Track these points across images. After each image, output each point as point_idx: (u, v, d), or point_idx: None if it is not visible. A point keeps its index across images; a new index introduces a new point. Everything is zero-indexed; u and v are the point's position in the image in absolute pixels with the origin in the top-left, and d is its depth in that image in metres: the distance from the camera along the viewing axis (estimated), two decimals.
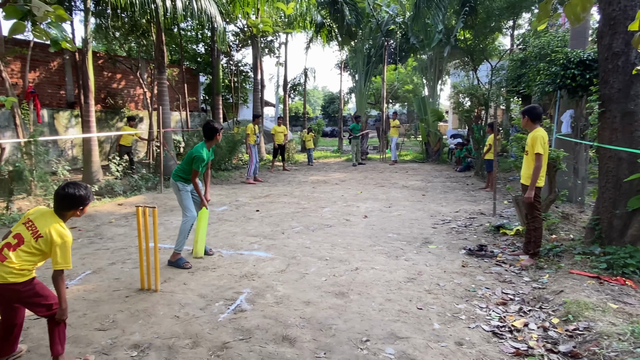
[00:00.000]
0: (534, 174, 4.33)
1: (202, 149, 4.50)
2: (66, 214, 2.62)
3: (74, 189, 2.60)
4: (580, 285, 3.71)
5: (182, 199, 4.61)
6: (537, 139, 4.32)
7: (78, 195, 2.60)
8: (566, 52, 6.40)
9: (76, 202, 2.61)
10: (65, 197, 2.58)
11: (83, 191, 2.64)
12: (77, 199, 2.60)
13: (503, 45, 18.16)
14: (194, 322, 3.24)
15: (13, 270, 2.43)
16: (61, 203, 2.59)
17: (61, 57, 13.13)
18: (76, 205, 2.61)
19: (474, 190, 9.32)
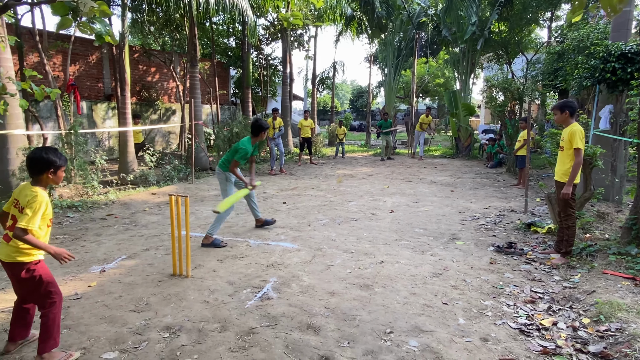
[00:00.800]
0: (573, 170, 4.18)
1: (248, 143, 4.95)
2: (40, 179, 2.58)
3: (40, 152, 2.55)
4: (614, 285, 3.60)
5: (225, 188, 5.02)
6: (576, 133, 4.17)
7: (45, 157, 2.53)
8: (606, 45, 6.14)
9: (44, 165, 2.53)
10: (32, 160, 2.54)
11: (50, 154, 2.56)
12: (44, 161, 2.53)
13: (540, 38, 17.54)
14: (223, 308, 3.35)
15: (19, 249, 2.51)
16: (30, 168, 2.57)
17: (99, 51, 13.63)
18: (45, 168, 2.54)
19: (505, 187, 9.11)
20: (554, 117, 4.50)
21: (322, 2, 12.69)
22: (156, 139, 15.44)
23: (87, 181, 7.22)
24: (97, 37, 2.22)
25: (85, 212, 6.47)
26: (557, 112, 4.39)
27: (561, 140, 4.41)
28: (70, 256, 2.58)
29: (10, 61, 6.60)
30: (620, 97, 6.23)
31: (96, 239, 5.22)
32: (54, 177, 2.61)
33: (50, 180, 2.61)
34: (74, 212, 6.42)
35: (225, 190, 5.05)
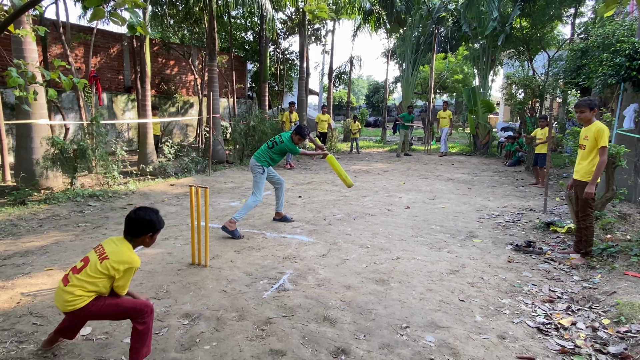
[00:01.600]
0: (598, 168, 4.08)
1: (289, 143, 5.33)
2: (135, 240, 2.47)
3: (144, 213, 2.45)
4: (636, 287, 3.53)
5: (258, 180, 5.23)
6: (604, 131, 4.06)
7: (148, 219, 2.44)
8: (633, 42, 5.97)
9: (145, 227, 2.44)
10: (135, 221, 2.43)
11: (153, 216, 2.47)
12: (147, 223, 2.44)
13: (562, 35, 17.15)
14: (240, 297, 3.40)
15: (70, 297, 2.30)
16: (130, 228, 2.44)
17: (120, 44, 13.84)
18: (146, 231, 2.45)
19: (523, 186, 8.98)
20: (577, 114, 4.39)
21: None
22: (174, 131, 15.64)
23: (108, 171, 7.37)
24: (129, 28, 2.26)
25: (106, 202, 6.61)
26: (586, 109, 4.23)
27: (583, 138, 4.32)
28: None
29: (35, 52, 6.76)
30: None
31: (117, 227, 5.34)
32: (150, 241, 2.51)
33: (146, 243, 2.50)
34: (95, 201, 6.57)
35: (258, 182, 5.22)
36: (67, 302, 2.31)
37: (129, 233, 2.46)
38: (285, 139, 5.33)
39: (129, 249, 2.42)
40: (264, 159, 5.29)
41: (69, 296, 2.30)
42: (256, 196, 5.18)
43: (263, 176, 5.27)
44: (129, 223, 2.45)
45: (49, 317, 3.04)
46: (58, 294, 2.37)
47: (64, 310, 2.35)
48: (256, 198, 5.17)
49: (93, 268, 2.33)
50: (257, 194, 5.19)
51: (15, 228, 5.20)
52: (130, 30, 2.27)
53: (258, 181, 5.24)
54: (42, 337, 2.78)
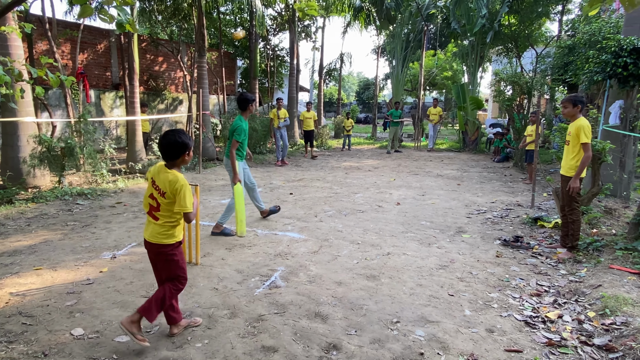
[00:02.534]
0: (582, 164, 4.18)
1: (241, 122, 4.84)
2: (176, 163, 2.65)
3: (175, 137, 2.60)
4: (620, 280, 3.61)
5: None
6: (582, 127, 4.17)
7: (181, 141, 2.60)
8: (619, 40, 6.07)
9: (182, 148, 2.61)
10: (170, 146, 2.59)
11: (184, 137, 2.63)
12: (181, 145, 2.60)
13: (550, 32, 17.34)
14: (232, 295, 3.41)
15: (165, 232, 2.64)
16: (168, 153, 2.61)
17: (107, 40, 13.65)
18: (182, 151, 2.62)
19: (511, 182, 9.09)
20: (562, 110, 4.48)
21: None
22: (163, 128, 15.48)
23: (97, 169, 7.29)
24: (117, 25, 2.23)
25: (95, 200, 6.55)
26: (569, 105, 4.34)
27: (568, 134, 4.40)
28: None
29: (21, 49, 6.65)
30: (631, 92, 6.18)
31: (106, 226, 5.30)
32: (188, 158, 2.70)
33: (185, 161, 2.70)
34: (83, 199, 6.50)
35: None
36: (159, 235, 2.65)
37: (168, 158, 2.64)
38: (235, 121, 4.88)
39: (173, 173, 2.62)
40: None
41: (159, 229, 2.65)
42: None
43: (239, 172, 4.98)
44: (164, 150, 2.62)
45: (38, 316, 3.02)
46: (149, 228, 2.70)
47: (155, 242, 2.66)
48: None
49: (162, 203, 2.62)
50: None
51: (2, 227, 5.13)
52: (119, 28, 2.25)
53: None
54: (32, 336, 2.76)
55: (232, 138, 4.84)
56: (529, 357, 2.65)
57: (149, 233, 2.68)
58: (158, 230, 2.65)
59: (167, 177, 2.60)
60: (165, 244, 2.67)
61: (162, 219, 2.65)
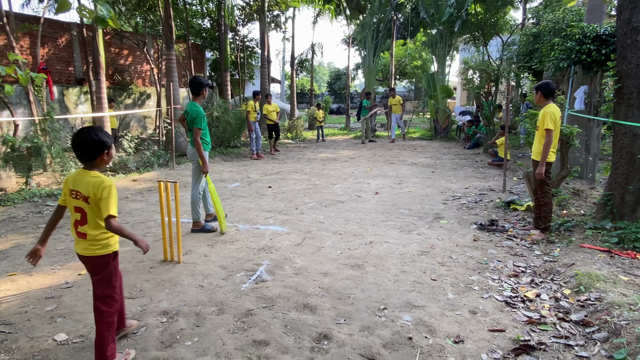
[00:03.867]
0: (544, 150, 4.38)
1: (197, 107, 4.59)
2: (95, 163, 2.37)
3: (90, 134, 2.32)
4: (592, 258, 3.80)
5: (197, 172, 4.81)
6: (546, 114, 4.36)
7: (98, 139, 2.32)
8: (582, 27, 6.30)
9: (98, 147, 2.33)
10: (84, 145, 2.31)
11: (100, 134, 2.34)
12: (97, 143, 2.32)
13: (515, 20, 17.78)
14: (218, 291, 3.38)
15: (97, 243, 2.37)
16: (83, 153, 2.34)
17: (69, 34, 13.07)
18: (100, 150, 2.34)
19: (483, 167, 9.36)
20: (534, 97, 4.66)
21: None
22: (131, 124, 15.04)
23: (65, 168, 7.02)
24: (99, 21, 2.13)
25: None
26: (536, 92, 4.57)
27: (538, 120, 4.58)
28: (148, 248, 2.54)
29: None
30: (594, 78, 6.44)
31: None
32: (108, 158, 2.41)
33: (104, 161, 2.41)
34: (53, 200, 6.26)
35: (198, 173, 4.79)
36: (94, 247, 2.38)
37: (85, 159, 2.36)
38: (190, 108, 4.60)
39: (95, 174, 2.36)
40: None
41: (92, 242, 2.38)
42: (195, 188, 4.80)
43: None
44: (78, 150, 2.33)
45: (17, 323, 2.91)
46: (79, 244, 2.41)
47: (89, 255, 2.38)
48: (196, 189, 4.78)
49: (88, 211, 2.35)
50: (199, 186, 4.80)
51: None
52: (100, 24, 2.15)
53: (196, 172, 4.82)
54: (13, 344, 2.66)
55: (195, 126, 4.56)
56: (512, 335, 2.77)
57: (80, 248, 2.41)
58: (89, 243, 2.37)
59: (90, 180, 2.31)
60: (100, 255, 2.40)
61: (91, 231, 2.36)
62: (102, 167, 2.44)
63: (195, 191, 4.84)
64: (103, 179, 2.34)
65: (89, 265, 2.48)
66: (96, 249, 2.38)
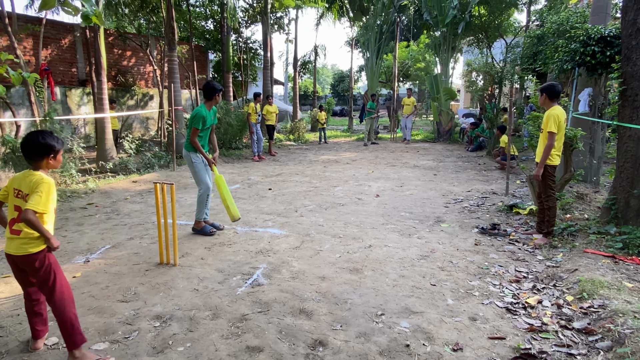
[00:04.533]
0: (544, 152, 4.32)
1: (203, 109, 4.59)
2: (40, 165, 2.43)
3: (37, 137, 2.40)
4: (595, 264, 3.72)
5: (195, 171, 4.76)
6: (550, 117, 4.29)
7: (44, 142, 2.39)
8: (586, 29, 6.21)
9: (44, 150, 2.40)
10: (30, 146, 2.40)
11: (48, 137, 2.41)
12: (43, 146, 2.39)
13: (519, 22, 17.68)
14: (213, 295, 3.33)
15: (31, 240, 2.38)
16: (29, 154, 2.42)
17: (72, 35, 13.11)
18: (45, 153, 2.41)
19: (486, 170, 9.27)
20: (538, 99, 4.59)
21: None
22: (134, 125, 15.06)
23: (65, 169, 7.00)
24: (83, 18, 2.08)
25: (65, 202, 6.29)
26: (540, 94, 4.49)
27: (542, 122, 4.50)
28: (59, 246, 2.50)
29: None
30: (599, 80, 6.35)
31: (78, 228, 5.09)
32: (54, 162, 2.48)
33: (50, 165, 2.47)
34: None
35: (196, 172, 4.72)
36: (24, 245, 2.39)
37: (30, 159, 2.44)
38: (196, 108, 4.59)
39: (37, 173, 2.40)
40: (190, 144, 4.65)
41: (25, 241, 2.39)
42: (201, 187, 4.71)
43: (196, 164, 4.68)
44: (24, 150, 2.43)
45: (8, 327, 2.86)
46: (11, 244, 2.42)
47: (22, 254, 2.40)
48: (201, 189, 4.70)
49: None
50: (201, 184, 4.71)
51: None
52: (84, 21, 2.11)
53: (194, 170, 4.72)
54: (3, 348, 2.61)
55: (192, 125, 4.52)
56: (512, 343, 2.69)
57: (13, 247, 2.40)
58: (22, 241, 2.38)
59: (32, 179, 2.37)
60: (32, 253, 2.40)
61: (25, 228, 2.37)
62: (48, 170, 2.50)
63: (201, 193, 4.76)
64: (43, 177, 2.39)
65: (26, 267, 2.47)
66: (29, 247, 2.39)
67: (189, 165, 4.79)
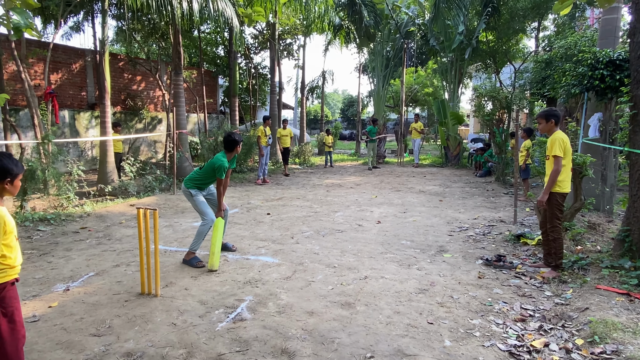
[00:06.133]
0: (551, 177, 4.08)
1: (223, 158, 4.59)
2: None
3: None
4: (608, 302, 3.41)
5: (197, 204, 4.67)
6: (555, 141, 4.09)
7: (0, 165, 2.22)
8: (594, 52, 6.04)
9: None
10: None
11: (5, 160, 2.23)
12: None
13: (527, 48, 17.62)
14: (191, 331, 3.10)
15: None
16: None
17: (83, 60, 13.37)
18: (1, 177, 2.22)
19: (494, 197, 8.97)
20: (538, 126, 4.37)
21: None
22: (141, 148, 15.14)
23: (62, 192, 6.91)
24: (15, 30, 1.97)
25: (58, 225, 6.17)
26: (542, 121, 4.29)
27: (547, 149, 4.28)
28: None
29: None
30: (609, 104, 6.13)
31: (65, 254, 4.93)
32: (11, 187, 2.28)
33: (6, 191, 2.27)
34: (45, 225, 6.11)
35: (197, 205, 4.66)
36: None
37: None
38: (217, 157, 4.60)
39: None
40: (192, 182, 4.69)
41: None
42: (205, 220, 4.62)
43: (196, 198, 4.65)
44: None
45: None
46: None
47: None
48: (206, 221, 4.62)
49: None
50: (205, 217, 4.62)
51: None
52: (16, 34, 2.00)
53: (196, 205, 4.67)
54: None
55: (216, 175, 4.56)
56: None
57: None
58: None
59: None
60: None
61: None
62: (3, 196, 2.27)
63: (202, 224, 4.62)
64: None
65: None
66: None
67: (188, 199, 4.72)
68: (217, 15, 9.58)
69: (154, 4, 8.26)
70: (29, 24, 1.91)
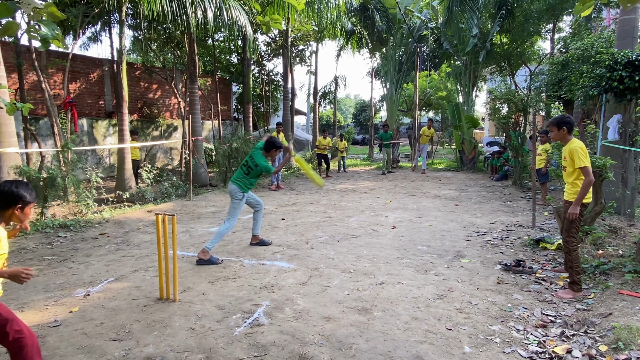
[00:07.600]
0: (583, 189, 3.75)
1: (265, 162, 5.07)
2: (4, 214, 2.31)
3: (10, 185, 2.30)
4: (632, 307, 3.33)
5: (237, 207, 5.05)
6: (576, 150, 3.76)
7: (14, 191, 2.28)
8: (612, 53, 5.94)
9: (12, 199, 2.28)
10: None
11: (21, 188, 2.29)
12: (12, 195, 2.28)
13: (543, 50, 17.42)
14: (209, 336, 3.12)
15: None
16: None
17: (100, 69, 13.67)
18: (12, 203, 2.29)
19: (511, 201, 8.84)
20: (550, 134, 4.18)
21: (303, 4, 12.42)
22: (158, 155, 15.35)
23: (81, 199, 7.05)
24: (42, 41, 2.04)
25: (78, 232, 6.29)
26: (554, 128, 3.96)
27: (563, 159, 4.02)
28: (28, 272, 2.26)
29: (4, 79, 6.51)
30: (628, 106, 6.01)
31: (85, 260, 5.02)
32: (20, 214, 2.33)
33: (15, 217, 2.33)
34: (65, 231, 6.24)
35: (236, 207, 5.03)
36: None
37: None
38: (259, 162, 5.02)
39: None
40: (244, 185, 5.09)
41: None
42: (230, 222, 4.98)
43: (242, 202, 5.10)
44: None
45: None
46: None
47: None
48: (230, 224, 4.97)
49: None
50: (232, 220, 4.99)
51: None
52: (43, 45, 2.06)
53: (236, 207, 5.05)
54: None
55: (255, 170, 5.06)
56: None
57: None
58: None
59: None
60: None
61: None
62: (9, 222, 2.32)
63: (227, 227, 4.95)
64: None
65: None
66: None
67: (234, 198, 5.04)
68: (230, 23, 9.70)
69: (170, 14, 8.41)
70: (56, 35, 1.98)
